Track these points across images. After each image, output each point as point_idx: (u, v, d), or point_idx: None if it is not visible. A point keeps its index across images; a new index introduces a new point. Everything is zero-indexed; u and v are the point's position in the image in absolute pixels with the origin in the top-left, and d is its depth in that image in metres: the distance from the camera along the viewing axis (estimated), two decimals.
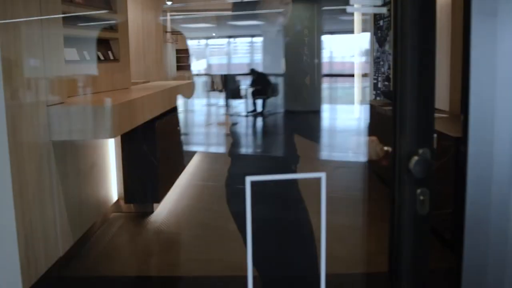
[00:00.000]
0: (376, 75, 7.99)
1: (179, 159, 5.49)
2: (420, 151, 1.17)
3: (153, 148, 4.36)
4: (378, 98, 7.69)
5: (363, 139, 1.73)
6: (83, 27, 3.73)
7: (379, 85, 7.78)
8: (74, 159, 3.42)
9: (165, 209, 4.57)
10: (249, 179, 1.05)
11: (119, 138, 4.23)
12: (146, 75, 6.17)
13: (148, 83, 5.58)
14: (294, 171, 1.96)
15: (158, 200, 4.56)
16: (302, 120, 2.22)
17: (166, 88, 5.00)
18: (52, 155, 3.00)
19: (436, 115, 4.21)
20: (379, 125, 4.85)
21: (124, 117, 3.33)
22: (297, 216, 2.02)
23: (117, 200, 4.42)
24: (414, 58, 1.15)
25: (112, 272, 3.36)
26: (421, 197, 1.17)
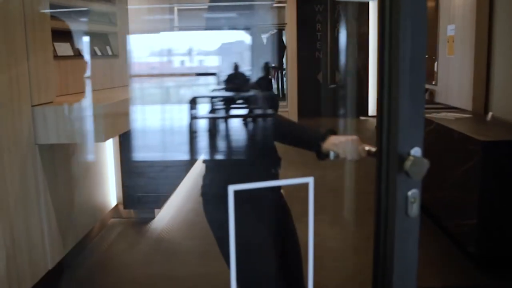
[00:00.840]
0: None
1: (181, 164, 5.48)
2: (412, 151, 1.14)
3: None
4: None
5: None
6: (78, 20, 3.73)
7: None
8: (65, 164, 3.37)
9: (166, 215, 4.58)
10: (232, 188, 1.01)
11: (117, 139, 4.23)
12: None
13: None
14: (275, 175, 1.93)
15: (159, 205, 4.57)
16: None
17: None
18: (38, 160, 2.92)
19: (459, 115, 4.14)
20: None
21: (119, 118, 3.28)
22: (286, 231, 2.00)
23: (116, 206, 4.43)
24: (403, 52, 1.12)
25: (108, 284, 3.34)
26: (412, 200, 1.15)
